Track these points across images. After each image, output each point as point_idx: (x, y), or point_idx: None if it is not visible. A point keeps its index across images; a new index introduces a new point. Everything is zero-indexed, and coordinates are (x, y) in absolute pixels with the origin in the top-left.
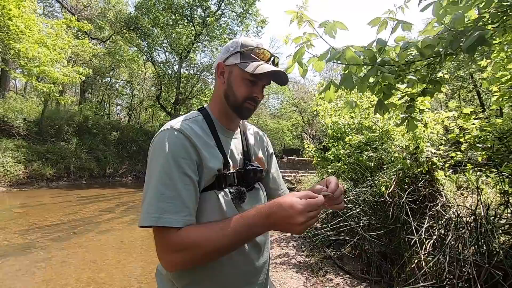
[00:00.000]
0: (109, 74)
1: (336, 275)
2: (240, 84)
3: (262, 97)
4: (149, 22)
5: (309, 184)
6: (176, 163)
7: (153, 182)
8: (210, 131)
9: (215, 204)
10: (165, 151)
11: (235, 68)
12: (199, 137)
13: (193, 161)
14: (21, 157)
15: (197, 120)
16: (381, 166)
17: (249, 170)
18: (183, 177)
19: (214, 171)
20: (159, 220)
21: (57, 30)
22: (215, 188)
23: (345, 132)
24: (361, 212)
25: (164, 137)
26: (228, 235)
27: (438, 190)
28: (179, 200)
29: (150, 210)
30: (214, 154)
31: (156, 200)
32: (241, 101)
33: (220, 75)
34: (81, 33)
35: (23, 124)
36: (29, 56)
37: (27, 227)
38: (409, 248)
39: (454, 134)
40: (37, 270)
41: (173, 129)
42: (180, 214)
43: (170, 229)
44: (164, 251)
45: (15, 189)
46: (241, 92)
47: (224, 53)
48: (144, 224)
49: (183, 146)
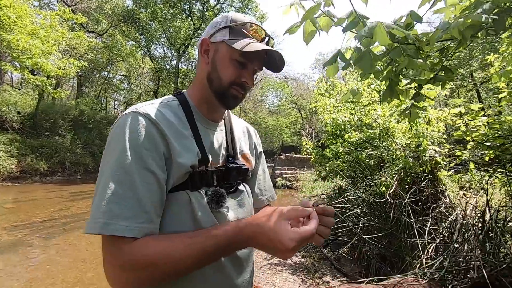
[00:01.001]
0: (107, 69)
1: (333, 277)
2: (227, 65)
3: (252, 84)
4: (147, 15)
5: (307, 181)
6: (136, 155)
7: (104, 178)
8: (187, 119)
9: (186, 208)
10: (124, 140)
11: (222, 46)
12: (170, 125)
13: (159, 153)
14: (14, 151)
15: (171, 105)
16: (381, 164)
17: (231, 168)
18: (144, 173)
19: (186, 168)
20: (105, 227)
21: (51, 21)
22: (188, 188)
23: (344, 129)
24: (360, 213)
25: (125, 122)
26: (194, 255)
27: (441, 191)
28: (135, 202)
29: (96, 214)
30: (187, 147)
31: (105, 201)
32: (226, 86)
33: (203, 53)
34: (77, 26)
35: (17, 118)
36: (19, 48)
37: (15, 223)
38: (411, 251)
39: (460, 132)
40: (22, 270)
41: (137, 112)
42: (135, 220)
43: (121, 239)
44: (111, 267)
45: (7, 183)
46: (227, 75)
47: (211, 28)
48: (89, 231)
49: (148, 134)
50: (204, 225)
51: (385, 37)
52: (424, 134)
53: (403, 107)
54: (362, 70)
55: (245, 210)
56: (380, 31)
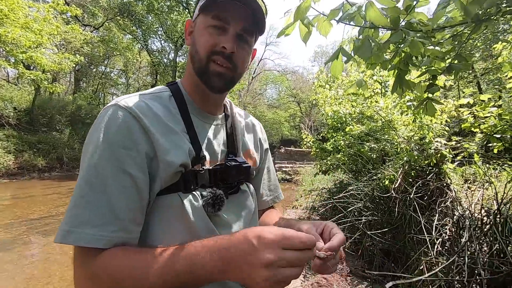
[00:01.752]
0: (104, 63)
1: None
2: (203, 33)
3: (231, 48)
4: (143, 8)
5: (306, 175)
6: (111, 155)
7: (78, 181)
8: (180, 112)
9: (177, 213)
10: (98, 137)
11: (199, 18)
12: (156, 119)
13: (140, 152)
14: (11, 147)
15: (160, 96)
16: (384, 158)
17: (230, 167)
18: (120, 175)
19: (175, 167)
20: (68, 236)
21: (44, 14)
22: (180, 189)
23: (345, 121)
24: (363, 207)
25: (102, 118)
26: (160, 274)
27: (447, 184)
28: (106, 208)
29: (64, 220)
30: (177, 143)
31: (74, 206)
32: (204, 58)
33: (188, 35)
34: (72, 20)
35: (13, 114)
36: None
37: (12, 220)
38: (416, 247)
39: (468, 123)
40: (18, 268)
41: (117, 105)
42: (104, 228)
43: (87, 249)
44: (78, 278)
45: (5, 180)
46: (203, 45)
47: (196, 9)
48: (56, 240)
49: (127, 131)
50: (199, 231)
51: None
52: (429, 126)
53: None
54: (362, 57)
55: (248, 213)
56: (372, 9)
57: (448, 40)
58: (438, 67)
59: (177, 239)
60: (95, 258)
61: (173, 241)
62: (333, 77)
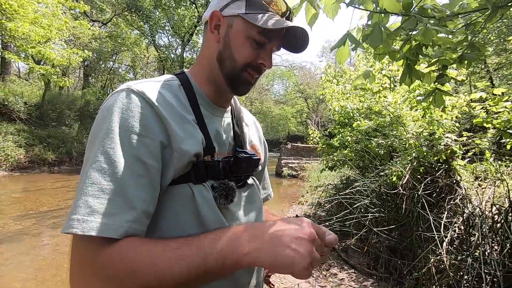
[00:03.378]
0: (112, 59)
1: (341, 269)
2: (244, 43)
3: (270, 66)
4: (151, 3)
5: (313, 171)
6: (125, 140)
7: (87, 168)
8: (189, 102)
9: (188, 204)
10: (111, 121)
11: (238, 21)
12: (170, 107)
13: (154, 140)
14: (22, 141)
15: (170, 85)
16: (392, 154)
17: (241, 159)
18: (134, 163)
19: (190, 156)
20: (79, 225)
21: (53, 10)
22: (191, 180)
23: (353, 117)
24: (369, 204)
25: (114, 101)
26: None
27: (457, 181)
28: (121, 196)
29: (72, 209)
30: (191, 133)
31: (83, 194)
32: (240, 68)
33: (214, 29)
34: (81, 15)
35: (24, 108)
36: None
37: (23, 212)
38: (424, 245)
39: (480, 118)
40: (27, 259)
41: (130, 90)
42: (119, 217)
43: (98, 240)
44: (80, 274)
45: (16, 173)
46: (242, 55)
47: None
48: (63, 230)
49: (142, 117)
50: (210, 224)
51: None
52: (439, 122)
53: (417, 93)
54: (372, 45)
55: (255, 206)
56: None
57: (460, 29)
58: (450, 57)
59: (186, 231)
60: (106, 249)
61: (182, 233)
62: (341, 71)
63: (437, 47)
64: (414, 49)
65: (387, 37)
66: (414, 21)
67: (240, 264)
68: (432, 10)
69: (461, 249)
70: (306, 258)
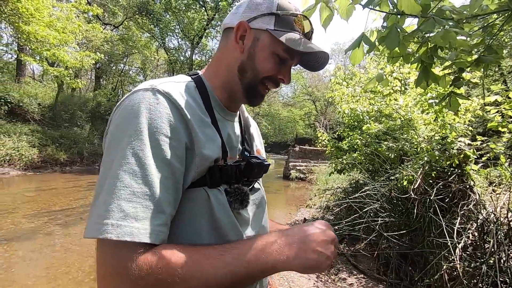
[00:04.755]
0: (123, 61)
1: (350, 274)
2: (268, 58)
3: (288, 82)
4: (161, 7)
5: (321, 174)
6: (154, 142)
7: (114, 170)
8: (204, 105)
9: (203, 208)
10: (139, 121)
11: (265, 35)
12: (191, 110)
13: (181, 142)
14: (35, 141)
15: (189, 87)
16: (403, 158)
17: (254, 164)
18: (161, 165)
19: (210, 161)
20: (116, 230)
21: (68, 13)
22: (206, 184)
23: (362, 120)
24: (380, 208)
25: (140, 100)
26: (232, 273)
27: (470, 186)
28: (152, 200)
29: (101, 213)
30: (211, 137)
31: (115, 197)
32: (260, 80)
33: (239, 39)
34: (94, 19)
35: (38, 109)
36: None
37: (35, 211)
38: (436, 251)
39: (495, 122)
40: (40, 257)
41: (155, 90)
42: (152, 222)
43: (133, 246)
44: (113, 283)
45: (29, 172)
46: (265, 69)
47: (250, 10)
48: (90, 234)
49: (168, 118)
50: (224, 227)
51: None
52: (452, 125)
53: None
54: (388, 48)
55: (262, 211)
56: None
57: (477, 32)
58: (466, 60)
59: (201, 234)
60: (143, 256)
61: (197, 237)
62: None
63: (452, 50)
64: (430, 51)
65: (404, 40)
66: (433, 23)
67: (276, 269)
68: (450, 12)
69: (475, 256)
70: (330, 258)
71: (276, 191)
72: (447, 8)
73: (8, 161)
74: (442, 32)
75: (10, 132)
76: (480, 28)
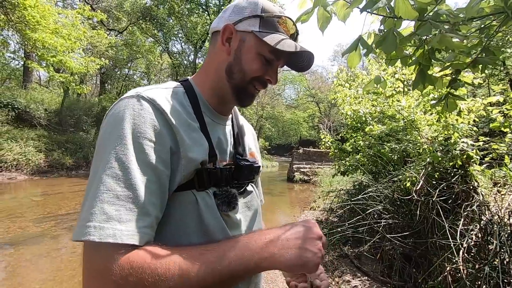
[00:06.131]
0: (127, 66)
1: (354, 276)
2: (254, 59)
3: (275, 82)
4: (165, 11)
5: (325, 176)
6: (137, 147)
7: (99, 174)
8: (193, 110)
9: (191, 211)
10: (122, 127)
11: (250, 37)
12: (177, 115)
13: (164, 146)
14: (42, 146)
15: (176, 92)
16: (406, 159)
17: (243, 166)
18: (145, 169)
19: (196, 164)
20: (98, 232)
21: (73, 20)
22: (194, 187)
23: (365, 121)
24: (383, 210)
25: (125, 107)
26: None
27: (474, 187)
28: (135, 203)
29: (85, 216)
30: (197, 140)
31: (98, 200)
32: (247, 81)
33: (225, 41)
34: (98, 24)
35: (44, 115)
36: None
37: (42, 215)
38: (439, 253)
39: (497, 123)
40: (46, 260)
41: (140, 96)
42: (136, 224)
43: (115, 248)
44: (98, 283)
45: (36, 177)
46: (252, 70)
47: (235, 13)
48: (76, 237)
49: (152, 123)
50: (212, 230)
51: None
52: (454, 126)
53: (431, 97)
54: (385, 52)
55: (254, 213)
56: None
57: (474, 33)
58: (463, 62)
59: (189, 237)
60: (126, 257)
61: (186, 239)
62: (353, 75)
63: (450, 51)
64: (427, 53)
65: (400, 43)
66: (430, 27)
67: (260, 267)
68: (447, 15)
69: (478, 258)
70: (317, 255)
71: (280, 193)
72: (443, 12)
73: (15, 166)
74: (439, 37)
75: (17, 138)
76: (477, 30)
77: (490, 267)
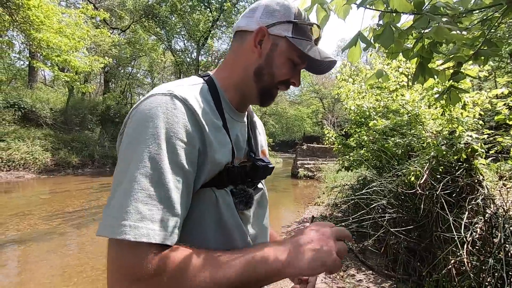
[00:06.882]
0: (131, 64)
1: (358, 270)
2: (284, 63)
3: (299, 85)
4: (167, 9)
5: (329, 172)
6: (170, 147)
7: (131, 172)
8: (216, 107)
9: (211, 208)
10: (156, 127)
11: (283, 42)
12: (205, 114)
13: (194, 148)
14: (48, 145)
15: (203, 89)
16: (410, 153)
17: (259, 167)
18: (176, 169)
19: (221, 166)
20: (133, 231)
21: (76, 19)
22: (214, 184)
23: (369, 116)
24: (387, 204)
25: (158, 105)
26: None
27: (478, 181)
28: (167, 202)
29: (118, 214)
30: (223, 142)
31: (133, 199)
32: (275, 83)
33: (257, 43)
34: (101, 23)
35: (50, 114)
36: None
37: (50, 213)
38: (444, 246)
39: (502, 115)
40: (55, 257)
41: (173, 95)
42: (167, 224)
43: (147, 248)
44: (129, 282)
45: (43, 176)
46: (282, 74)
47: (266, 16)
48: (104, 233)
49: (184, 124)
50: (229, 227)
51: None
52: (459, 119)
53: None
54: (383, 46)
55: (264, 210)
56: None
57: (476, 25)
58: (466, 54)
59: (207, 235)
60: (157, 257)
61: (203, 236)
62: (357, 70)
63: (453, 44)
64: (428, 47)
65: (399, 37)
66: (426, 20)
67: (282, 275)
68: (444, 8)
69: (483, 251)
70: (332, 253)
71: (284, 189)
72: (441, 4)
73: (23, 165)
74: (435, 29)
75: (24, 137)
76: (479, 22)
77: (495, 260)
